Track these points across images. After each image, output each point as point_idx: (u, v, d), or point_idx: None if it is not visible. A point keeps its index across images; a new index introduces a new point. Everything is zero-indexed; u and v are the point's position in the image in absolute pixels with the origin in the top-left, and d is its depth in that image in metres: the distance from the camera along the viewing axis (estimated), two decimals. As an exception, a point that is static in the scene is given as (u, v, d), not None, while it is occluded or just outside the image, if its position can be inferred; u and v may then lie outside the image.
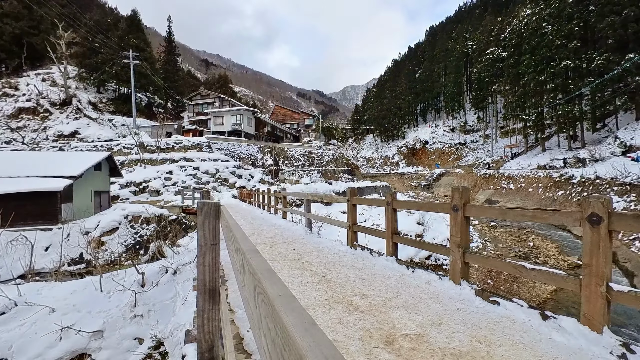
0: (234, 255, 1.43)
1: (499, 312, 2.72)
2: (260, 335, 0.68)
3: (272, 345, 0.55)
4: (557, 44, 32.10)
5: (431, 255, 9.18)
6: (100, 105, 42.31)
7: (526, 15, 41.11)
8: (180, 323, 5.41)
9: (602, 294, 2.20)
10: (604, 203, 2.20)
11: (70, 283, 8.51)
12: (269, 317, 0.58)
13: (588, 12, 29.90)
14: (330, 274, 3.95)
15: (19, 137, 31.50)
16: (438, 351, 2.08)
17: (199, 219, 1.84)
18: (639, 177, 15.29)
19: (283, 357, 0.47)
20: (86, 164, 16.94)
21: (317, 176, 33.48)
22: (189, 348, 3.48)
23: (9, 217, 12.47)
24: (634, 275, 9.96)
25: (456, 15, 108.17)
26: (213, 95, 49.31)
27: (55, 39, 37.28)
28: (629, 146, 22.51)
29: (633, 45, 25.08)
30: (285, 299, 0.58)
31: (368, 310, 2.77)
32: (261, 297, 0.68)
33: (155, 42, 69.82)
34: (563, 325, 2.37)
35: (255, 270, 0.80)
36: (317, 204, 14.74)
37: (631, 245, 11.87)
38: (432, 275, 3.76)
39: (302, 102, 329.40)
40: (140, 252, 14.47)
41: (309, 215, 7.76)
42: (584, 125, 32.57)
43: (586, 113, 31.61)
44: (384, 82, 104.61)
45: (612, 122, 31.16)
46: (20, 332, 6.14)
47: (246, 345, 2.45)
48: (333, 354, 0.37)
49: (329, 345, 0.40)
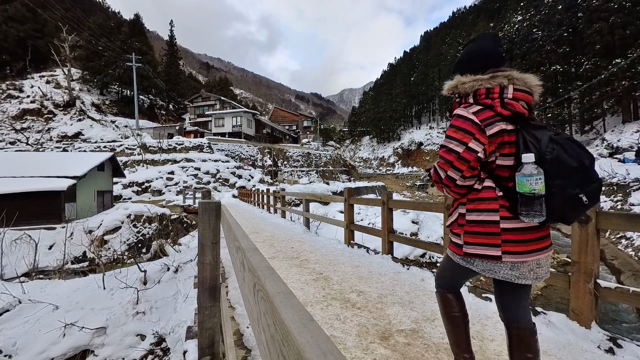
0: (234, 253, 1.43)
1: (491, 308, 2.73)
2: (260, 331, 0.68)
3: (271, 341, 0.55)
4: (547, 49, 32.34)
5: (426, 253, 9.20)
6: (103, 107, 42.08)
7: (517, 21, 41.38)
8: (182, 320, 5.38)
9: (590, 290, 2.21)
10: (592, 203, 2.22)
11: (74, 281, 8.45)
12: (268, 313, 0.58)
13: (577, 18, 30.16)
14: (328, 272, 3.95)
15: (23, 138, 31.25)
16: (432, 346, 2.09)
17: (200, 218, 1.83)
18: (625, 177, 15.42)
19: (282, 352, 0.47)
20: (89, 164, 16.83)
21: (315, 176, 33.47)
22: (190, 344, 3.46)
23: (14, 216, 12.36)
24: (621, 273, 10.04)
25: (450, 21, 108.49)
26: (214, 98, 49.16)
27: (59, 42, 37.06)
28: (616, 148, 22.71)
29: (620, 50, 25.29)
30: (284, 295, 0.58)
31: (364, 307, 2.77)
32: (260, 294, 0.68)
33: (157, 46, 69.68)
34: (553, 321, 2.39)
35: (254, 268, 0.79)
36: (315, 204, 14.74)
37: (618, 243, 11.97)
38: (426, 273, 3.77)
39: (300, 105, 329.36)
40: (142, 250, 14.39)
41: (307, 215, 7.75)
42: (572, 128, 32.84)
43: (575, 116, 31.89)
44: (380, 85, 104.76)
45: (600, 125, 31.43)
46: (24, 329, 6.09)
47: (246, 341, 2.44)
48: (331, 349, 0.37)
49: (327, 340, 0.40)
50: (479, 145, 1.21)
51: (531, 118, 1.22)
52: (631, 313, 7.10)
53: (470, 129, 1.22)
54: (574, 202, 1.09)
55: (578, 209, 1.11)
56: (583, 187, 1.08)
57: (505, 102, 1.21)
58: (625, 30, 24.80)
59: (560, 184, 1.09)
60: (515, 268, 1.21)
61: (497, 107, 1.21)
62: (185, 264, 7.92)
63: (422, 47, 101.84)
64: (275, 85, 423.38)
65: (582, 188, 1.08)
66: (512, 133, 1.20)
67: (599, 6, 26.82)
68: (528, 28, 36.63)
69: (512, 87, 1.22)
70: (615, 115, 29.79)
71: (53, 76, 42.11)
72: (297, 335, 0.41)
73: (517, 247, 1.19)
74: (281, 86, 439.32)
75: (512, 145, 1.20)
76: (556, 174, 1.09)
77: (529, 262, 1.21)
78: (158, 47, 68.40)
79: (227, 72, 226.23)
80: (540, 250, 1.21)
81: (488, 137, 1.20)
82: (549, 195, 1.10)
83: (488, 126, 1.20)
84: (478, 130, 1.21)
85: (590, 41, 27.90)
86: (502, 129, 1.19)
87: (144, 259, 13.04)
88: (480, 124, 1.21)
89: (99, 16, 49.71)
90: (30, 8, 41.37)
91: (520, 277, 1.22)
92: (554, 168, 1.09)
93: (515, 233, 1.20)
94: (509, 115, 1.20)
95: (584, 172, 1.08)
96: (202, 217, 1.81)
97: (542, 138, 1.13)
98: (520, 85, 1.24)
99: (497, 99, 1.22)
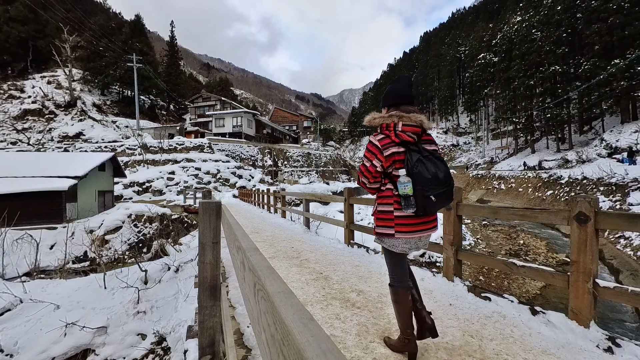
0: (234, 253, 1.43)
1: (490, 307, 2.73)
2: (260, 331, 0.68)
3: (272, 340, 0.55)
4: (546, 49, 32.31)
5: (425, 252, 9.20)
6: (104, 108, 42.06)
7: (516, 22, 41.36)
8: (182, 319, 5.38)
9: (589, 289, 2.21)
10: (590, 202, 2.22)
11: (75, 280, 8.45)
12: (269, 313, 0.58)
13: (576, 19, 30.14)
14: (328, 271, 3.95)
15: (24, 138, 31.24)
16: (432, 345, 2.09)
17: (200, 218, 1.83)
18: (624, 177, 15.41)
19: (282, 351, 0.47)
20: (90, 164, 16.83)
21: (315, 176, 33.45)
22: (191, 343, 3.46)
23: (15, 216, 12.36)
24: (620, 272, 10.04)
25: (449, 22, 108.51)
26: (214, 98, 49.15)
27: (60, 42, 37.04)
28: (615, 148, 22.70)
29: (618, 51, 25.28)
30: (285, 295, 0.58)
31: (364, 306, 2.77)
32: (261, 294, 0.68)
33: (158, 46, 69.63)
34: (552, 320, 2.39)
35: (255, 267, 0.79)
36: (315, 204, 14.74)
37: (617, 242, 11.96)
38: (426, 272, 3.77)
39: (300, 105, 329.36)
40: (143, 250, 14.39)
41: (307, 215, 7.75)
42: (571, 128, 32.82)
43: (574, 116, 31.86)
44: (380, 85, 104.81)
45: (599, 125, 31.42)
46: (25, 328, 6.09)
47: (246, 340, 2.44)
48: (331, 349, 0.37)
49: (327, 340, 0.40)
50: (379, 162, 1.76)
51: (417, 142, 1.77)
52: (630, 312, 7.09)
53: (374, 151, 1.76)
54: (427, 200, 1.66)
55: (431, 205, 1.68)
56: (432, 191, 1.65)
57: (397, 133, 1.75)
58: (624, 31, 24.79)
59: (420, 189, 1.66)
60: (406, 242, 1.79)
61: (392, 136, 1.76)
62: (186, 263, 7.92)
63: (422, 48, 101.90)
64: (276, 85, 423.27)
65: (431, 191, 1.65)
66: (402, 154, 1.74)
67: (597, 7, 26.80)
68: (527, 29, 36.60)
69: (401, 123, 1.76)
70: (614, 115, 29.79)
71: (54, 77, 42.11)
72: (297, 334, 0.41)
73: (404, 228, 1.76)
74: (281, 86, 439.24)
75: (402, 162, 1.74)
76: (417, 182, 1.66)
77: (414, 238, 1.80)
78: (159, 47, 68.35)
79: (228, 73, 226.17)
80: (420, 231, 1.78)
81: (385, 157, 1.74)
82: (414, 195, 1.67)
83: (385, 149, 1.74)
84: (379, 152, 1.75)
85: (589, 42, 27.89)
86: (394, 152, 1.74)
87: (144, 258, 13.04)
88: (381, 148, 1.74)
89: (100, 17, 49.68)
90: (31, 9, 41.36)
91: (411, 249, 1.84)
92: (416, 178, 1.66)
93: (403, 219, 1.75)
94: (398, 142, 1.74)
95: (435, 181, 1.65)
96: (202, 217, 1.81)
97: (413, 158, 1.69)
98: (408, 121, 1.77)
99: (392, 131, 1.77)
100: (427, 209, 1.69)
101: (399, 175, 1.73)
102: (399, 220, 1.75)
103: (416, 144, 1.76)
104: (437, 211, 1.79)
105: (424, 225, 1.79)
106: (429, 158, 1.70)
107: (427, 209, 1.68)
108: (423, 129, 1.82)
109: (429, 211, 1.71)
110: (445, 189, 1.68)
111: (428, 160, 1.69)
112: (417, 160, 1.68)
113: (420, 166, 1.67)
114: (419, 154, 1.71)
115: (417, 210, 1.69)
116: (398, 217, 1.75)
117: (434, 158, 1.71)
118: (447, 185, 1.69)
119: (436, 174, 1.66)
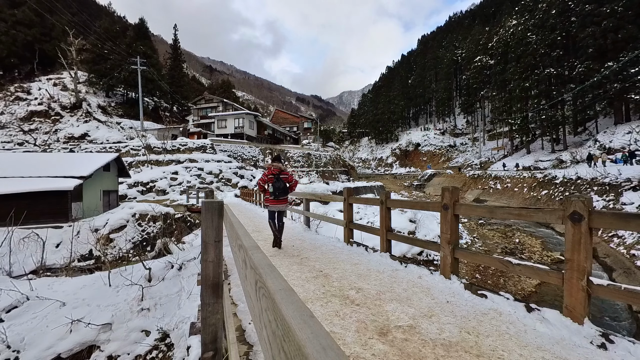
0: (236, 251, 1.43)
1: (486, 304, 2.73)
2: (262, 327, 0.68)
3: (273, 337, 0.55)
4: (541, 52, 32.34)
5: (423, 251, 9.20)
6: (109, 109, 42.06)
7: (512, 26, 41.37)
8: (185, 316, 5.39)
9: (583, 287, 2.21)
10: (584, 202, 2.22)
11: (80, 278, 8.44)
12: (270, 310, 0.58)
13: (570, 22, 30.15)
14: (327, 269, 3.95)
15: (31, 139, 31.23)
16: (429, 342, 2.09)
17: (203, 217, 1.83)
18: (617, 177, 15.41)
19: (283, 348, 0.47)
20: (95, 164, 16.81)
21: (315, 177, 33.43)
22: (194, 339, 3.47)
23: (22, 215, 12.34)
24: (613, 270, 10.04)
25: (446, 25, 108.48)
26: (217, 100, 49.14)
27: (66, 45, 37.03)
28: (608, 148, 22.70)
29: (612, 54, 25.29)
30: (285, 292, 0.58)
31: (363, 303, 2.77)
32: (262, 291, 0.68)
33: (161, 49, 69.63)
34: (546, 317, 2.39)
35: (256, 265, 0.79)
36: (315, 203, 14.73)
37: (610, 241, 11.96)
38: (423, 270, 3.77)
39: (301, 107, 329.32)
40: (147, 248, 14.38)
41: (307, 214, 7.75)
42: (566, 129, 32.82)
43: (568, 117, 31.87)
44: (378, 88, 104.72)
45: (593, 126, 31.44)
46: (31, 325, 6.08)
47: (248, 337, 2.44)
48: (330, 345, 0.37)
49: (327, 336, 0.40)
50: (264, 180, 5.29)
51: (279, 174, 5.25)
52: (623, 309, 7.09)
53: (264, 175, 5.30)
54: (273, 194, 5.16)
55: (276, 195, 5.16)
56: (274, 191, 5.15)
57: (271, 169, 5.27)
58: (617, 34, 24.80)
59: (273, 190, 5.15)
60: (273, 207, 5.20)
61: (270, 170, 5.28)
62: (189, 261, 7.91)
63: (420, 51, 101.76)
64: (277, 87, 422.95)
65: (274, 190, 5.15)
66: (273, 177, 5.21)
67: (591, 11, 26.81)
68: (523, 32, 36.61)
69: (272, 167, 5.27)
70: (607, 117, 29.81)
71: (60, 79, 42.10)
72: (297, 331, 0.41)
73: (272, 202, 5.20)
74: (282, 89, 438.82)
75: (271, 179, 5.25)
76: (273, 188, 5.15)
77: (277, 206, 5.22)
78: (162, 50, 68.35)
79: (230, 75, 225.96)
80: (277, 204, 5.22)
81: (267, 177, 5.25)
82: (271, 192, 5.16)
83: (268, 175, 5.25)
84: (266, 176, 5.27)
85: (583, 45, 27.89)
86: (270, 175, 5.24)
87: (148, 257, 13.04)
88: (267, 174, 5.27)
89: (105, 20, 49.50)
90: (38, 12, 41.35)
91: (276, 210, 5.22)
92: (272, 186, 5.15)
93: (272, 200, 5.19)
94: (270, 173, 5.24)
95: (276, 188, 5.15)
96: (205, 216, 1.81)
97: (275, 181, 5.17)
98: (275, 167, 5.26)
99: (270, 169, 5.29)
100: (276, 196, 5.13)
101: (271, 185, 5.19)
102: (269, 201, 5.22)
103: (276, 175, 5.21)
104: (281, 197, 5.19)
105: (280, 202, 5.21)
106: (279, 179, 5.18)
107: (276, 196, 5.13)
108: (280, 170, 5.26)
109: (277, 197, 5.15)
110: (275, 191, 5.12)
111: (278, 181, 5.16)
112: (277, 180, 5.17)
113: (275, 183, 5.14)
114: (277, 180, 5.17)
115: (275, 197, 5.15)
116: (269, 199, 5.21)
117: (280, 181, 5.17)
118: (280, 190, 5.15)
119: (275, 186, 5.12)
